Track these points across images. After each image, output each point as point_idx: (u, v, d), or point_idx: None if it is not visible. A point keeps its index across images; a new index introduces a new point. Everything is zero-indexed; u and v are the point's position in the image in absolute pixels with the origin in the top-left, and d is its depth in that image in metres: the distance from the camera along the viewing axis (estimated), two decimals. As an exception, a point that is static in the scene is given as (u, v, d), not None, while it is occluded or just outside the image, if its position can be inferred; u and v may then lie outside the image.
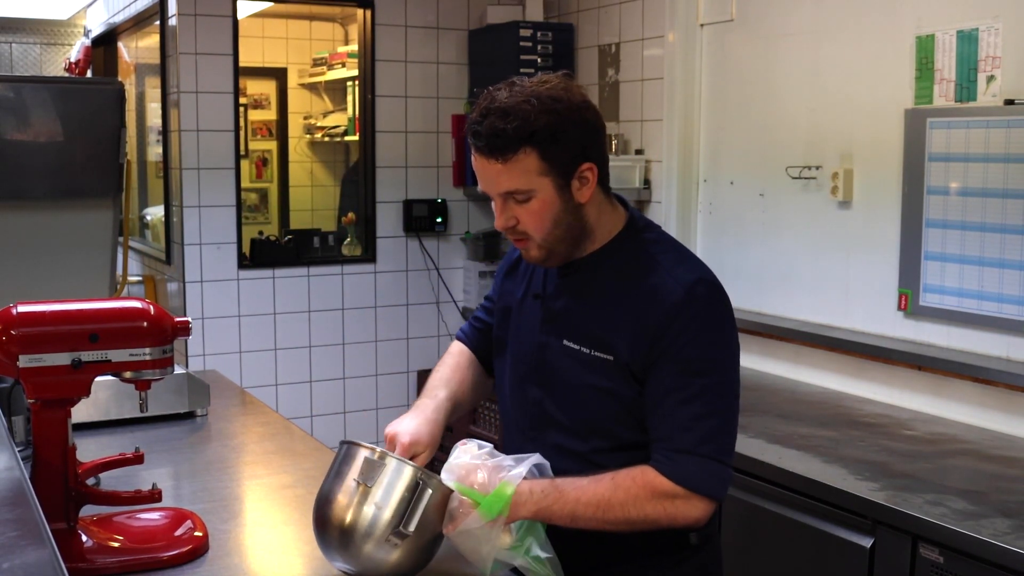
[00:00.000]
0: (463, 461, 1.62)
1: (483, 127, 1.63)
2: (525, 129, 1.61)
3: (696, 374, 1.64)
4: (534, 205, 1.66)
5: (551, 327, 1.78)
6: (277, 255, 4.42)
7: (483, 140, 1.63)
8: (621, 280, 1.72)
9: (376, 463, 1.57)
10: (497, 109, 1.63)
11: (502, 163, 1.63)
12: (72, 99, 3.08)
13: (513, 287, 1.91)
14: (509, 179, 1.64)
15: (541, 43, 4.34)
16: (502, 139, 1.62)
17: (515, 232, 1.70)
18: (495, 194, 1.68)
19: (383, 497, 1.56)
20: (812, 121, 3.37)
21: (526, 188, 1.65)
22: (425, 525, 1.57)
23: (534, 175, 1.64)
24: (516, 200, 1.66)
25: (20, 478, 1.20)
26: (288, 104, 6.60)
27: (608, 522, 1.63)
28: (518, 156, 1.62)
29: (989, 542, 2.02)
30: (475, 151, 1.66)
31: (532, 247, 1.71)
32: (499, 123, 1.62)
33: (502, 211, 1.69)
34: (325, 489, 1.62)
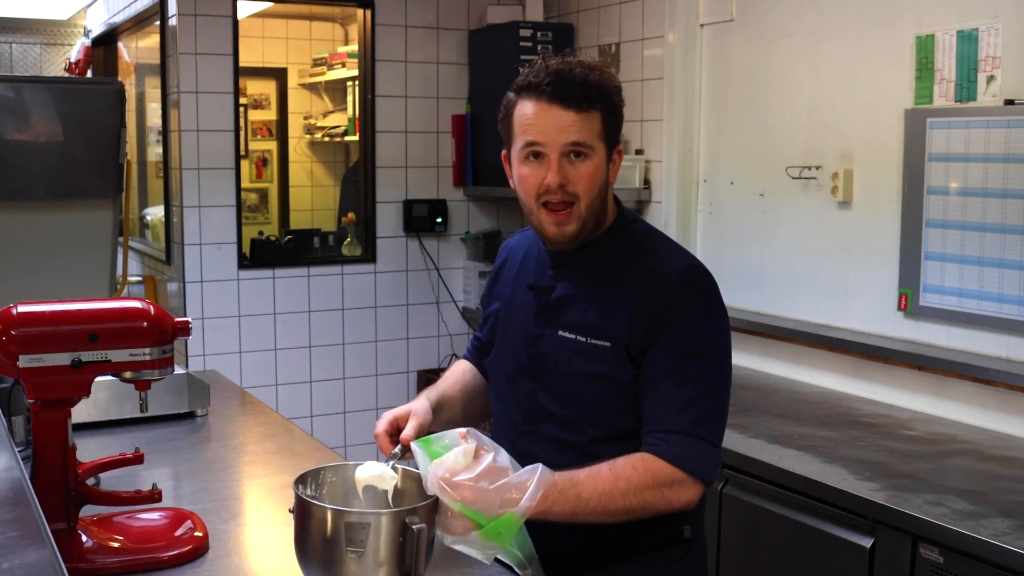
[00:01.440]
0: (462, 474, 1.56)
1: (572, 75, 1.68)
2: (607, 93, 1.71)
3: (692, 356, 1.67)
4: (589, 166, 1.70)
5: (545, 319, 1.80)
6: (277, 255, 4.42)
7: (568, 88, 1.67)
8: (616, 268, 1.76)
9: (358, 525, 1.49)
10: (582, 64, 1.71)
11: (578, 113, 1.68)
12: (72, 99, 3.08)
13: (501, 290, 1.94)
14: (579, 131, 1.68)
15: (541, 43, 4.34)
16: (590, 89, 1.68)
17: (564, 192, 1.70)
18: (557, 146, 1.69)
19: (383, 555, 1.50)
20: (812, 121, 3.37)
21: (591, 144, 1.70)
22: (426, 555, 1.55)
23: (597, 136, 1.71)
24: (574, 156, 1.69)
25: (20, 478, 1.20)
26: (288, 104, 6.60)
27: (609, 514, 1.62)
28: (593, 111, 1.69)
29: (989, 542, 2.02)
30: (548, 100, 1.68)
31: (573, 217, 1.72)
32: (589, 76, 1.69)
33: (557, 168, 1.69)
34: (317, 561, 1.53)
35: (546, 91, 1.68)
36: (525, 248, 1.95)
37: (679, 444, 1.65)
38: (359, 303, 4.56)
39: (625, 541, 1.77)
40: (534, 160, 1.71)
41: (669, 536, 1.80)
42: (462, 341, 4.77)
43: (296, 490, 1.56)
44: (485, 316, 2.00)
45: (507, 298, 1.91)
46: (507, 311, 1.89)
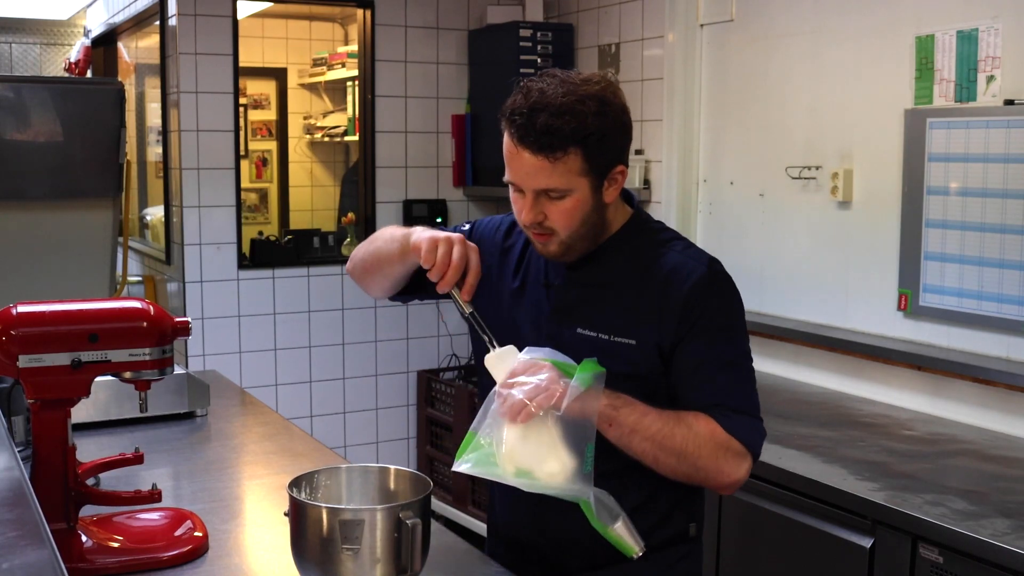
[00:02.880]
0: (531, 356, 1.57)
1: (536, 122, 1.60)
2: (580, 132, 1.60)
3: (729, 342, 1.71)
4: (567, 204, 1.66)
5: (560, 317, 1.76)
6: (277, 255, 4.42)
7: (533, 135, 1.60)
8: (635, 266, 1.74)
9: (352, 522, 1.50)
10: (551, 106, 1.60)
11: (548, 161, 1.61)
12: (72, 99, 3.08)
13: (503, 272, 1.87)
14: (549, 177, 1.63)
15: (541, 43, 4.34)
16: (556, 138, 1.60)
17: (541, 228, 1.68)
18: (529, 188, 1.65)
19: (379, 551, 1.50)
20: (812, 121, 3.37)
21: (565, 187, 1.64)
22: (421, 551, 1.55)
23: (575, 175, 1.64)
24: (549, 197, 1.65)
25: (20, 478, 1.20)
26: (288, 104, 6.60)
27: (663, 449, 1.62)
28: (566, 156, 1.61)
29: (989, 542, 2.02)
30: (518, 143, 1.62)
31: (553, 243, 1.70)
32: (555, 121, 1.59)
33: (532, 206, 1.66)
34: (314, 562, 1.54)
35: (515, 134, 1.62)
36: (521, 246, 1.88)
37: (734, 418, 1.67)
38: (359, 303, 4.56)
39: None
40: (518, 192, 1.69)
41: (676, 534, 1.81)
42: (462, 341, 4.77)
43: (290, 492, 1.56)
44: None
45: (512, 288, 1.84)
46: (513, 302, 1.83)
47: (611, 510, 1.56)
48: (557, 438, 1.55)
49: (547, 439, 1.54)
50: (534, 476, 1.53)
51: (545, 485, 1.54)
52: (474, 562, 1.78)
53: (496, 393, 1.57)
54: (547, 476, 1.53)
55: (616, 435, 1.61)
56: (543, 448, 1.54)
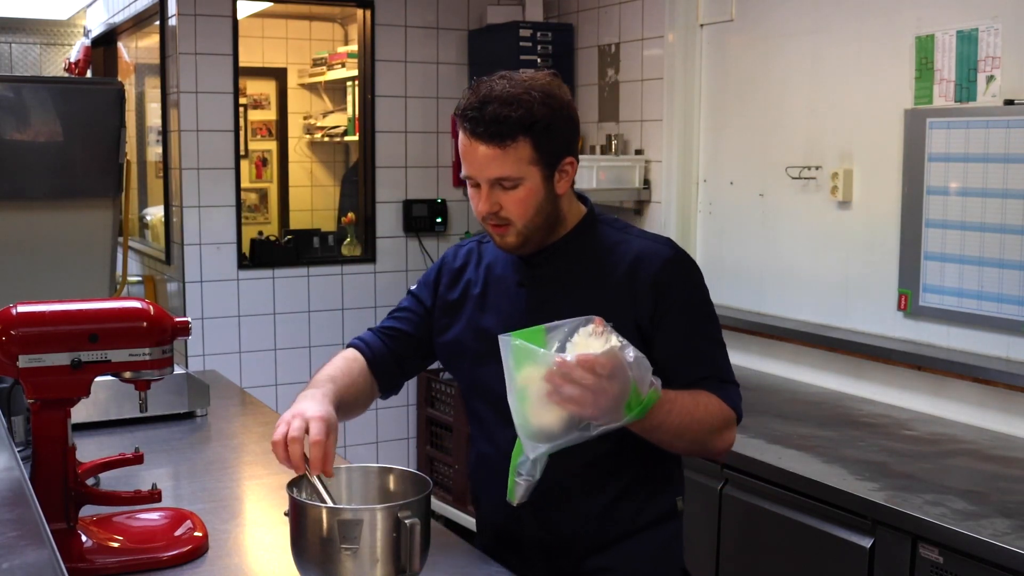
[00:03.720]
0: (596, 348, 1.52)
1: (485, 113, 1.68)
2: (527, 119, 1.69)
3: (708, 318, 1.80)
4: (520, 193, 1.73)
5: (535, 316, 1.75)
6: (277, 255, 4.42)
7: (483, 126, 1.69)
8: (598, 256, 1.81)
9: (352, 522, 1.50)
10: (499, 97, 1.70)
11: (499, 149, 1.69)
12: (72, 99, 3.08)
13: (462, 290, 1.91)
14: (502, 166, 1.70)
15: (541, 43, 4.34)
16: (505, 126, 1.68)
17: (497, 218, 1.75)
18: (484, 179, 1.73)
19: (379, 551, 1.50)
20: (812, 121, 3.37)
21: (516, 175, 1.71)
22: (420, 550, 1.55)
23: (525, 163, 1.71)
24: (503, 187, 1.72)
25: (20, 478, 1.20)
26: (288, 104, 6.60)
27: (687, 429, 1.66)
28: (516, 144, 1.69)
29: (989, 542, 2.02)
30: (470, 136, 1.71)
31: (511, 233, 1.76)
32: (502, 110, 1.68)
33: (487, 197, 1.73)
34: (314, 562, 1.54)
35: (467, 127, 1.71)
36: (487, 262, 1.93)
37: (726, 388, 1.75)
38: (359, 303, 4.56)
39: (629, 519, 1.81)
40: (474, 187, 1.76)
41: (667, 509, 1.85)
42: (462, 341, 4.77)
43: (290, 493, 1.56)
44: (434, 311, 1.94)
45: (474, 296, 1.89)
46: (477, 311, 1.87)
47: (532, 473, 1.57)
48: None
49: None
50: (531, 420, 1.52)
51: (532, 427, 1.52)
52: (474, 562, 1.78)
53: (577, 362, 1.48)
54: (542, 424, 1.52)
55: (660, 423, 1.61)
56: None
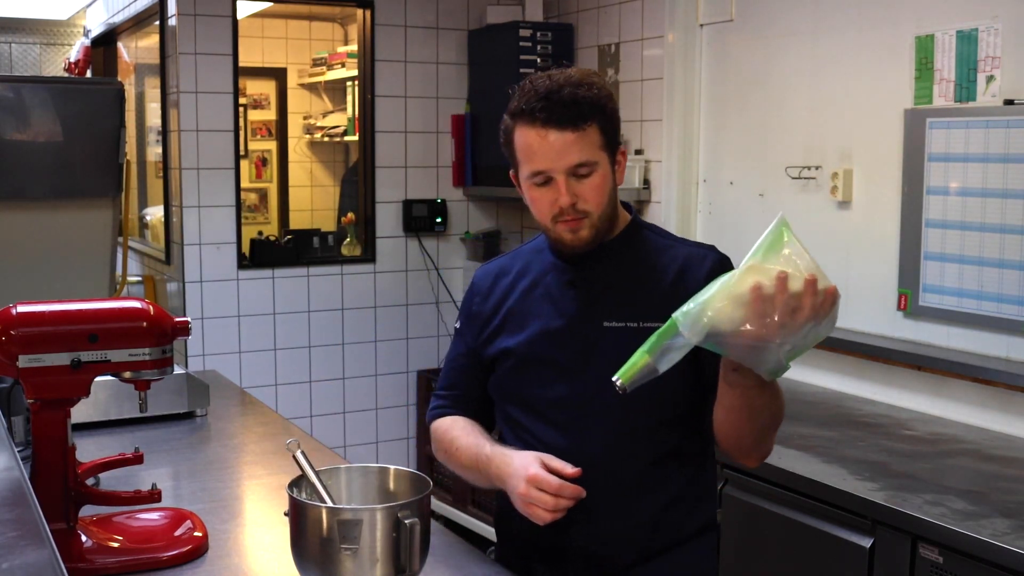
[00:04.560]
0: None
1: (561, 97, 1.69)
2: (598, 100, 1.72)
3: None
4: (596, 179, 1.73)
5: (585, 315, 1.79)
6: (277, 255, 4.42)
7: (560, 110, 1.69)
8: (646, 259, 1.82)
9: (351, 522, 1.50)
10: (570, 82, 1.71)
11: (576, 133, 1.69)
12: (72, 99, 3.08)
13: (495, 304, 1.89)
14: (580, 150, 1.70)
15: (541, 43, 4.34)
16: (581, 107, 1.69)
17: (575, 211, 1.73)
18: (561, 168, 1.70)
19: (378, 551, 1.51)
20: (812, 121, 3.37)
21: (593, 160, 1.71)
22: (420, 550, 1.55)
23: (597, 148, 1.72)
24: (578, 175, 1.71)
25: (20, 478, 1.20)
26: (288, 104, 6.60)
27: (764, 410, 1.62)
28: (590, 126, 1.70)
29: (989, 542, 2.02)
30: (543, 125, 1.70)
31: (585, 226, 1.74)
32: (577, 92, 1.70)
33: (567, 188, 1.71)
34: (313, 562, 1.54)
35: (540, 117, 1.70)
36: (517, 270, 1.91)
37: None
38: (359, 303, 4.56)
39: (676, 528, 1.80)
40: (543, 185, 1.74)
41: (709, 520, 1.85)
42: (462, 341, 4.77)
43: (290, 493, 1.56)
44: (481, 338, 1.89)
45: (515, 304, 1.87)
46: (521, 319, 1.85)
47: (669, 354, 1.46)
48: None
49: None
50: (716, 302, 1.40)
51: (709, 310, 1.40)
52: (474, 562, 1.78)
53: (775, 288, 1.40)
54: (720, 313, 1.40)
55: (759, 388, 1.56)
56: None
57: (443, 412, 1.95)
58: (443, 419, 1.93)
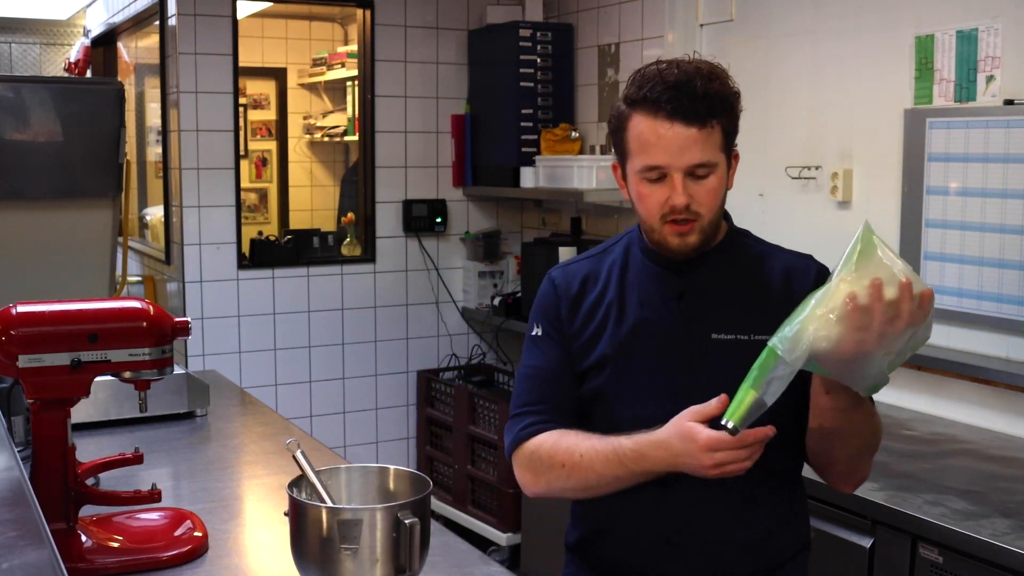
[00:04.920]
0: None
1: (693, 89, 1.58)
2: (728, 98, 1.62)
3: None
4: (712, 182, 1.63)
5: (691, 327, 1.69)
6: (277, 255, 4.42)
7: (688, 103, 1.57)
8: (748, 269, 1.73)
9: (351, 522, 1.50)
10: (700, 74, 1.60)
11: (701, 131, 1.59)
12: (72, 99, 3.08)
13: (587, 314, 1.75)
14: (702, 149, 1.60)
15: (541, 43, 4.34)
16: (712, 103, 1.59)
17: (688, 212, 1.62)
18: (680, 166, 1.60)
19: (378, 551, 1.50)
20: (812, 121, 3.37)
21: (714, 161, 1.62)
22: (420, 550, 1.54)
23: (717, 149, 1.63)
24: (696, 176, 1.61)
25: (20, 478, 1.20)
26: (288, 104, 6.60)
27: (859, 430, 1.57)
28: (714, 125, 1.60)
29: (988, 542, 2.02)
30: (669, 117, 1.58)
31: (695, 230, 1.64)
32: (711, 86, 1.59)
33: (683, 187, 1.61)
34: (313, 562, 1.53)
35: (666, 108, 1.58)
36: (607, 276, 1.77)
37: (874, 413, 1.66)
38: (359, 303, 4.56)
39: (778, 551, 1.73)
40: (656, 182, 1.62)
41: (805, 541, 1.79)
42: (462, 341, 4.77)
43: (290, 493, 1.56)
44: (576, 343, 1.74)
45: (601, 323, 1.73)
46: (633, 332, 1.71)
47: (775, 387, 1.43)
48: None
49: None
50: (812, 324, 1.38)
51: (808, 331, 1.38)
52: (474, 562, 1.78)
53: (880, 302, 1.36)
54: (818, 334, 1.38)
55: (830, 404, 1.52)
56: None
57: (540, 428, 1.72)
58: (542, 436, 1.71)
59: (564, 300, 1.78)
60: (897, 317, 1.35)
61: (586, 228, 4.37)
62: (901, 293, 1.35)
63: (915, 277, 1.38)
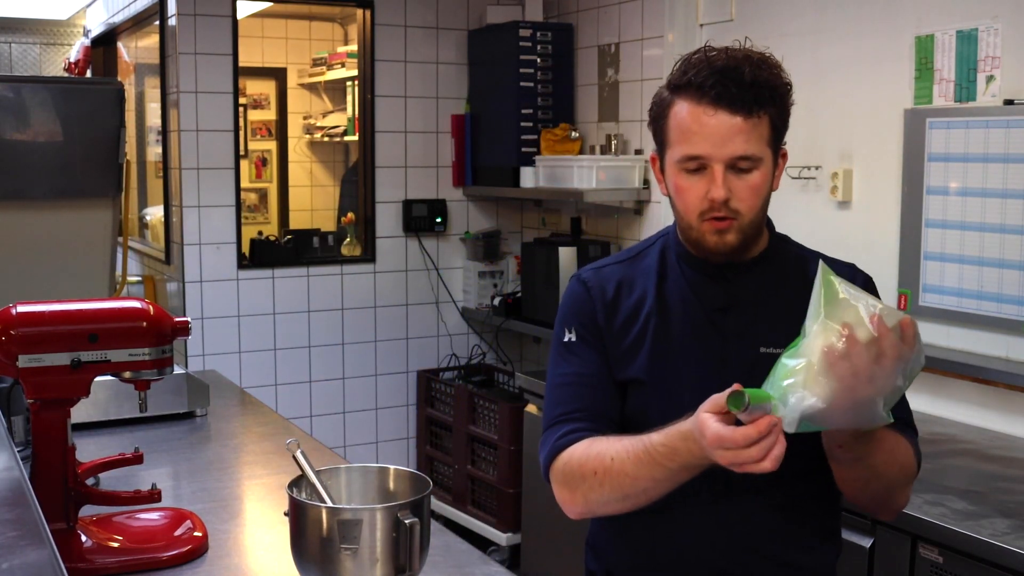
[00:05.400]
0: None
1: (741, 76, 1.48)
2: (779, 88, 1.53)
3: None
4: (756, 178, 1.52)
5: (735, 341, 1.60)
6: (277, 255, 4.42)
7: (737, 90, 1.48)
8: (792, 278, 1.63)
9: (351, 522, 1.49)
10: (750, 60, 1.51)
11: (747, 120, 1.49)
12: (72, 99, 3.08)
13: (625, 322, 1.64)
14: (747, 141, 1.50)
15: (541, 43, 4.34)
16: (761, 91, 1.50)
17: (727, 209, 1.52)
18: (722, 158, 1.50)
19: (378, 551, 1.50)
20: (812, 121, 3.37)
21: (758, 154, 1.51)
22: (420, 550, 1.55)
23: (764, 143, 1.52)
24: (738, 169, 1.51)
25: (20, 478, 1.20)
26: (288, 104, 6.60)
27: (885, 471, 1.48)
28: (761, 115, 1.51)
29: (988, 542, 2.02)
30: (713, 103, 1.49)
31: (733, 229, 1.53)
32: (760, 74, 1.50)
33: (723, 180, 1.50)
34: (313, 561, 1.53)
35: (710, 94, 1.48)
36: (643, 281, 1.67)
37: (910, 434, 1.56)
38: (359, 303, 4.56)
39: (825, 560, 1.71)
40: (694, 174, 1.53)
41: (837, 553, 1.76)
42: (461, 341, 4.77)
43: (290, 493, 1.56)
44: (611, 350, 1.63)
45: (660, 329, 1.62)
46: (670, 341, 1.61)
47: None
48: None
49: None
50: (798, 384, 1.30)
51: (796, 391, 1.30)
52: (473, 562, 1.78)
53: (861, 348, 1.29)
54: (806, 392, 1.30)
55: (868, 449, 1.44)
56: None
57: (580, 436, 1.58)
58: (575, 445, 1.57)
59: (599, 303, 1.65)
60: (882, 355, 1.29)
61: (586, 228, 4.37)
62: (877, 330, 1.29)
63: (887, 309, 1.33)
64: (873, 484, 1.50)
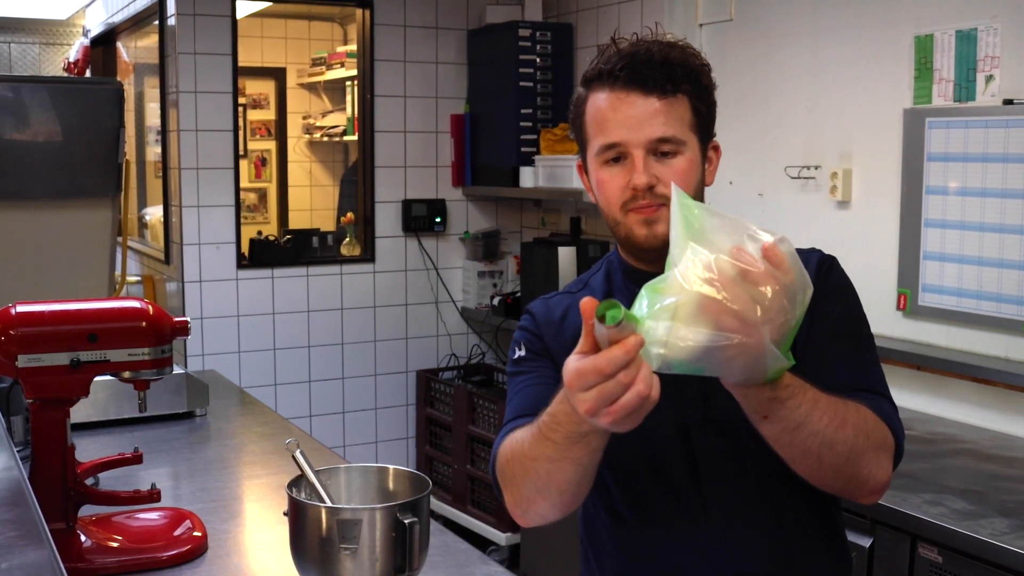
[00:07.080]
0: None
1: (651, 54, 1.43)
2: (693, 67, 1.47)
3: (857, 321, 1.55)
4: (680, 162, 1.45)
5: None
6: (276, 255, 4.42)
7: (645, 70, 1.42)
8: None
9: (351, 522, 1.49)
10: (660, 43, 1.46)
11: (661, 101, 1.43)
12: (71, 99, 3.08)
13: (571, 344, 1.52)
14: (665, 122, 1.43)
15: (540, 43, 4.34)
16: (673, 70, 1.44)
17: (652, 195, 1.43)
18: (640, 142, 1.43)
19: (378, 551, 1.50)
20: (811, 121, 3.37)
21: (679, 137, 1.44)
22: (420, 550, 1.54)
23: (686, 126, 1.45)
24: (661, 154, 1.44)
25: (19, 478, 1.20)
26: (287, 104, 6.61)
27: (835, 437, 1.32)
28: (678, 96, 1.44)
29: (988, 542, 2.02)
30: (624, 87, 1.43)
31: (662, 219, 1.43)
32: (670, 53, 1.45)
33: (645, 166, 1.43)
34: (313, 561, 1.52)
35: (620, 76, 1.43)
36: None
37: (876, 400, 1.46)
38: (358, 303, 4.56)
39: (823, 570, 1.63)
40: (615, 164, 1.46)
41: (847, 557, 1.70)
42: (461, 341, 4.77)
43: (289, 492, 1.56)
44: (552, 378, 1.47)
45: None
46: None
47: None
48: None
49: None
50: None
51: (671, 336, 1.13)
52: (473, 562, 1.78)
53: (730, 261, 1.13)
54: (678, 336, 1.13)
55: (793, 413, 1.28)
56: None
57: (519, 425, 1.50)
58: (506, 439, 1.49)
59: (545, 325, 1.59)
60: (756, 285, 1.12)
61: (585, 228, 4.37)
62: (743, 263, 1.12)
63: (754, 235, 1.15)
64: (828, 456, 1.33)
